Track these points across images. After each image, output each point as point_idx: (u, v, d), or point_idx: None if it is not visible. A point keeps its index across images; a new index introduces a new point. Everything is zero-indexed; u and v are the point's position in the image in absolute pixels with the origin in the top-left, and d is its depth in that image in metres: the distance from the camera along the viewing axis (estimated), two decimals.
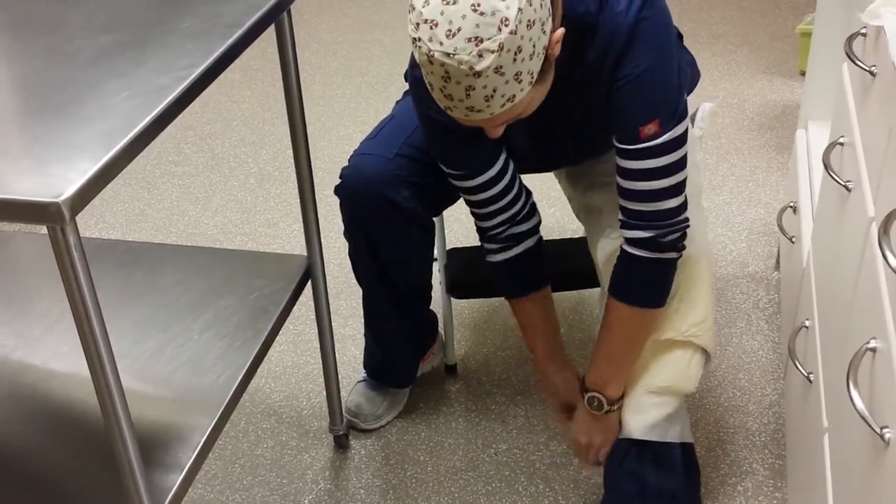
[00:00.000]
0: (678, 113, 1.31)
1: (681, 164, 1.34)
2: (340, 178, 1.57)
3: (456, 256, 1.96)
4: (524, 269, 1.56)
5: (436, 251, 1.97)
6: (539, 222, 1.56)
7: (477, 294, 1.96)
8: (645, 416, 1.47)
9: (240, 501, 1.73)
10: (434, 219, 1.71)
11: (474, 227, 1.57)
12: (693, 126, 1.68)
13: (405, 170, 1.56)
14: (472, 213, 1.54)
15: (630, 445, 1.50)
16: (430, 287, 1.80)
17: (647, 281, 1.40)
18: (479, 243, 1.60)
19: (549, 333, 1.60)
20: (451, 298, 1.94)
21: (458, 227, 2.40)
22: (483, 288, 1.94)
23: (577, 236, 2.07)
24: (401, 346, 1.81)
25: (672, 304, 1.44)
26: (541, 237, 1.58)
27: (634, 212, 1.36)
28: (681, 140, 1.32)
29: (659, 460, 1.49)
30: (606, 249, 1.51)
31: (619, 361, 1.46)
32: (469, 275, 1.94)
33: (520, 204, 1.51)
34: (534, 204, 1.56)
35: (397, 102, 1.70)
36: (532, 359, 1.64)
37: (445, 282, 1.92)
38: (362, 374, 1.91)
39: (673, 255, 1.39)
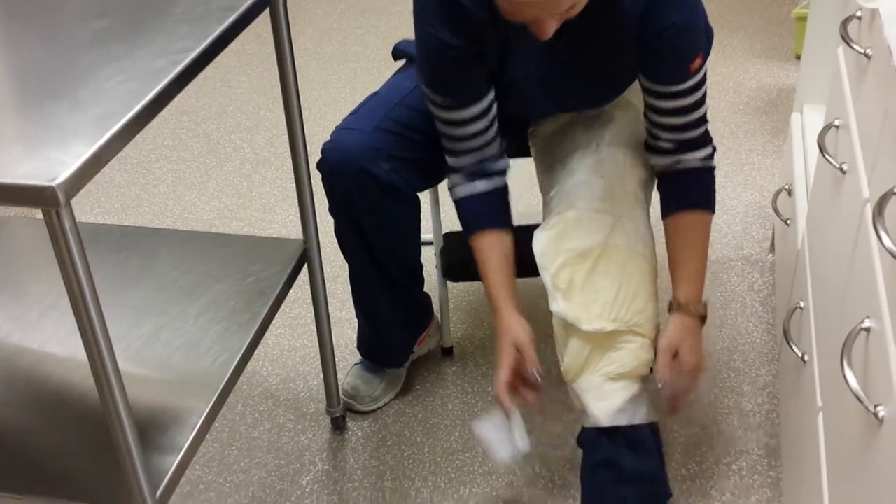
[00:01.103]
0: (708, 41, 1.47)
1: None
2: (321, 153, 1.58)
3: (452, 240, 1.96)
4: (488, 204, 1.58)
5: (432, 235, 1.97)
6: (508, 167, 1.60)
7: (473, 277, 1.95)
8: (610, 401, 1.46)
9: (237, 483, 1.74)
10: (430, 201, 1.71)
11: None
12: None
13: (385, 143, 1.57)
14: (447, 150, 1.56)
15: (600, 434, 1.49)
16: (420, 267, 1.80)
17: (709, 189, 1.56)
18: None
19: (506, 272, 1.58)
20: (447, 282, 1.94)
21: (453, 211, 2.40)
22: (478, 271, 1.95)
23: None
24: (391, 325, 1.81)
25: (618, 294, 1.45)
26: (506, 184, 1.60)
27: (694, 138, 1.51)
28: None
29: (631, 443, 1.48)
30: (540, 239, 1.53)
31: (702, 267, 1.53)
32: (465, 258, 1.94)
33: (494, 145, 1.55)
34: (505, 151, 1.60)
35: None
36: (489, 299, 1.59)
37: (441, 265, 1.92)
38: (358, 356, 1.91)
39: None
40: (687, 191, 1.55)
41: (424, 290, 1.86)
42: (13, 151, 0.94)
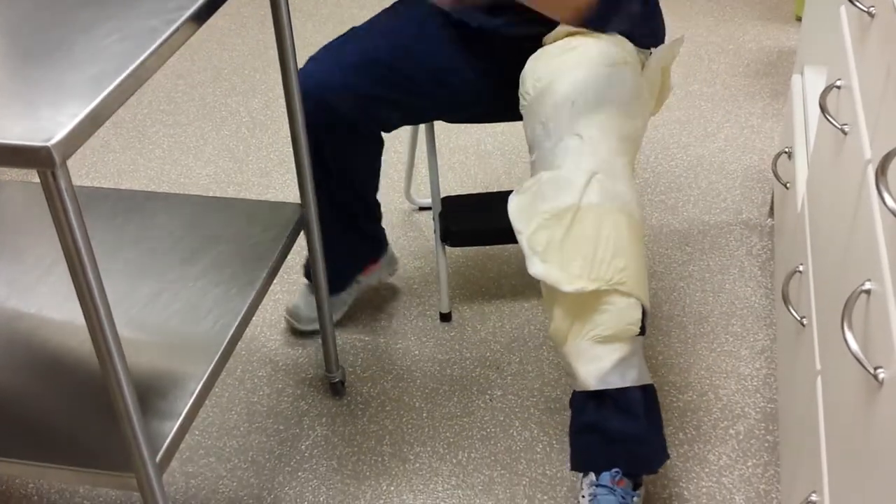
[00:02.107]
0: None
1: None
2: None
3: (450, 205, 1.95)
4: None
5: (430, 200, 1.97)
6: None
7: (471, 242, 1.96)
8: (599, 364, 1.45)
9: (237, 447, 1.74)
10: (427, 165, 1.69)
11: (468, 176, 1.56)
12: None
13: (351, 77, 1.60)
14: None
15: (588, 398, 1.49)
16: (376, 204, 1.84)
17: None
18: (472, 191, 1.59)
19: None
20: (446, 247, 1.94)
21: (451, 176, 2.39)
22: (477, 236, 1.94)
23: None
24: (332, 250, 1.80)
25: (595, 252, 1.43)
26: None
27: None
28: None
29: (620, 406, 1.47)
30: (514, 203, 1.52)
31: None
32: (463, 223, 1.94)
33: None
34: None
35: None
36: None
37: (439, 230, 1.92)
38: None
39: None
40: None
41: (387, 229, 1.90)
42: (7, 112, 0.93)
